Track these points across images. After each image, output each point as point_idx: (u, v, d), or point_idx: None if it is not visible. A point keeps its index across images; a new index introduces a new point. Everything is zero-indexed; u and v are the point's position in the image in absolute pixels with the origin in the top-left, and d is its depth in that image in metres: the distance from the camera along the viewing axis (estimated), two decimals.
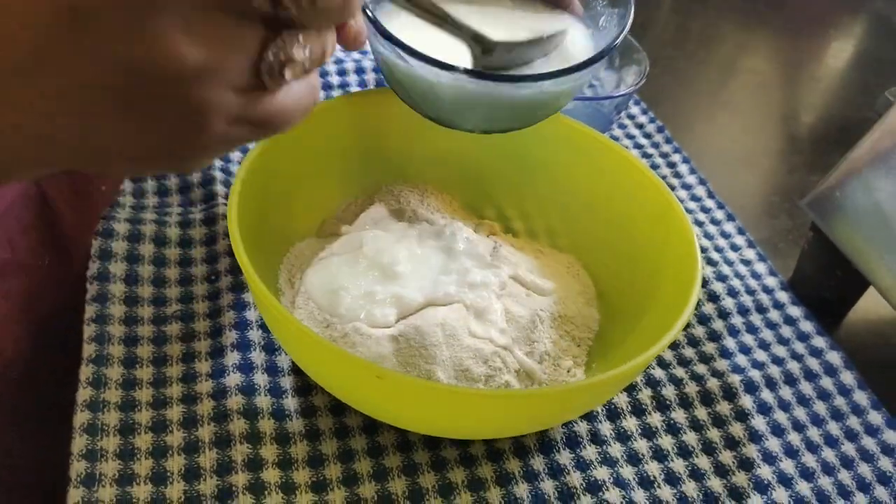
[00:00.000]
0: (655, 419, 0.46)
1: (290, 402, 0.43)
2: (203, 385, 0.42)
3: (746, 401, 0.47)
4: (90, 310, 0.44)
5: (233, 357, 0.44)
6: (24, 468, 0.45)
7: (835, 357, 0.51)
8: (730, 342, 0.51)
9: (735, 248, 0.59)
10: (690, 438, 0.45)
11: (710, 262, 0.57)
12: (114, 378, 0.42)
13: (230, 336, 0.45)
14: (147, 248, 0.49)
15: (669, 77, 0.84)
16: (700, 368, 0.49)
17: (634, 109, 0.71)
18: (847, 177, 0.52)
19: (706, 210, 0.62)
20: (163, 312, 0.46)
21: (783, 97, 0.90)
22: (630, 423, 0.45)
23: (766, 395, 0.48)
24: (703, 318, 0.52)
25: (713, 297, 0.54)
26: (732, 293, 0.54)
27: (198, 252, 0.50)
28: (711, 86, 0.89)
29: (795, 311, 0.54)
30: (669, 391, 0.47)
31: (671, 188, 0.55)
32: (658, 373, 0.48)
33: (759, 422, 0.46)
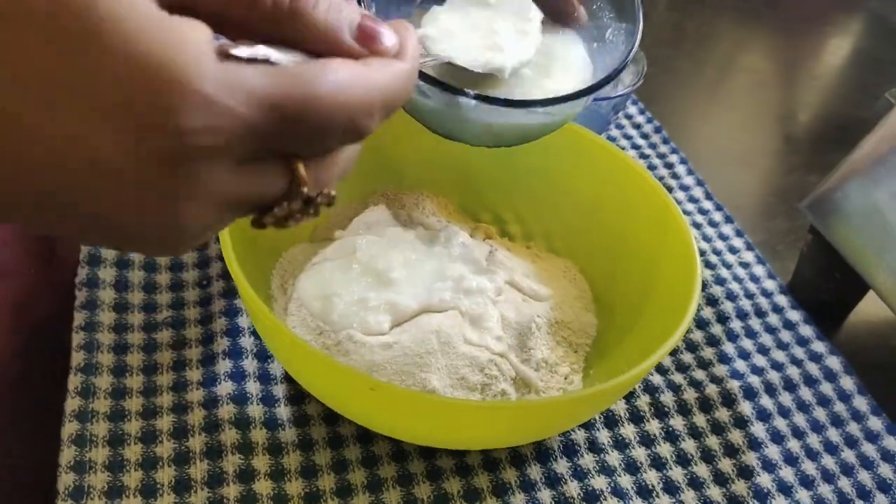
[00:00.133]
0: (654, 426, 0.45)
1: (283, 411, 0.42)
2: (194, 394, 0.42)
3: (745, 407, 0.47)
4: (79, 317, 0.43)
5: (224, 365, 0.43)
6: (24, 468, 0.45)
7: (834, 362, 0.50)
8: (728, 347, 0.51)
9: (733, 251, 0.58)
10: (689, 446, 0.44)
11: (709, 265, 0.56)
12: (103, 387, 0.41)
13: (222, 343, 0.44)
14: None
15: (666, 76, 0.83)
16: (699, 374, 0.48)
17: (632, 109, 0.71)
18: (846, 179, 0.52)
19: (704, 212, 0.61)
20: (153, 319, 0.45)
21: (781, 95, 0.90)
22: (628, 431, 0.45)
23: (766, 402, 0.47)
24: (702, 323, 0.52)
25: (711, 301, 0.53)
26: (731, 297, 0.54)
27: (188, 256, 0.49)
28: (709, 84, 0.89)
29: (795, 315, 0.53)
30: (668, 398, 0.47)
31: (669, 189, 0.55)
32: (656, 379, 0.47)
33: (759, 428, 0.46)
